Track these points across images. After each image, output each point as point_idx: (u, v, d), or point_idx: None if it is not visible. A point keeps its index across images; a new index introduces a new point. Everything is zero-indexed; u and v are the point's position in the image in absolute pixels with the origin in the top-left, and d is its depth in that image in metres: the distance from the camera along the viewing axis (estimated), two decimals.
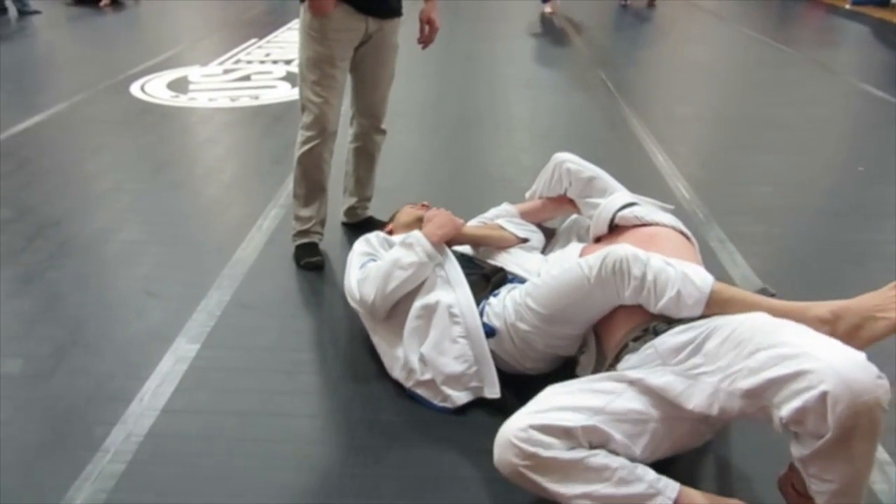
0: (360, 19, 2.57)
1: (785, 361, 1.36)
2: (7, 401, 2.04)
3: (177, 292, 2.59)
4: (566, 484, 1.51)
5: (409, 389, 2.06)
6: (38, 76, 5.94)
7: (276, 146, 4.12)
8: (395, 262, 2.09)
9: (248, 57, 6.50)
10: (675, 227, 2.07)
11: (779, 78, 6.00)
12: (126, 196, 3.45)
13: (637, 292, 1.71)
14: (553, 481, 1.51)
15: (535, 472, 1.51)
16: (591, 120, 4.89)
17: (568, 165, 2.36)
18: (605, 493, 1.49)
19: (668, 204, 2.32)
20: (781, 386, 1.35)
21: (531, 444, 1.51)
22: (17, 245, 2.93)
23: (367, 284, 2.10)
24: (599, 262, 1.73)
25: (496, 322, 2.00)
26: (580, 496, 1.50)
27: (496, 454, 1.58)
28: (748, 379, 1.41)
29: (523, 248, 2.36)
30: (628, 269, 1.70)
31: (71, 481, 1.74)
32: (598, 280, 1.73)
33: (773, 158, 4.05)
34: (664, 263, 1.71)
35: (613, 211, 2.15)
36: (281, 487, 1.75)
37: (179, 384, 2.11)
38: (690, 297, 1.67)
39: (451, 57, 6.40)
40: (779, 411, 1.35)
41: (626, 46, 7.74)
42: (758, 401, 1.41)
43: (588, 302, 1.79)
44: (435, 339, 2.02)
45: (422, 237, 2.12)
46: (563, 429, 1.52)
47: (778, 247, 3.06)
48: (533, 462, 1.51)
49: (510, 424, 1.57)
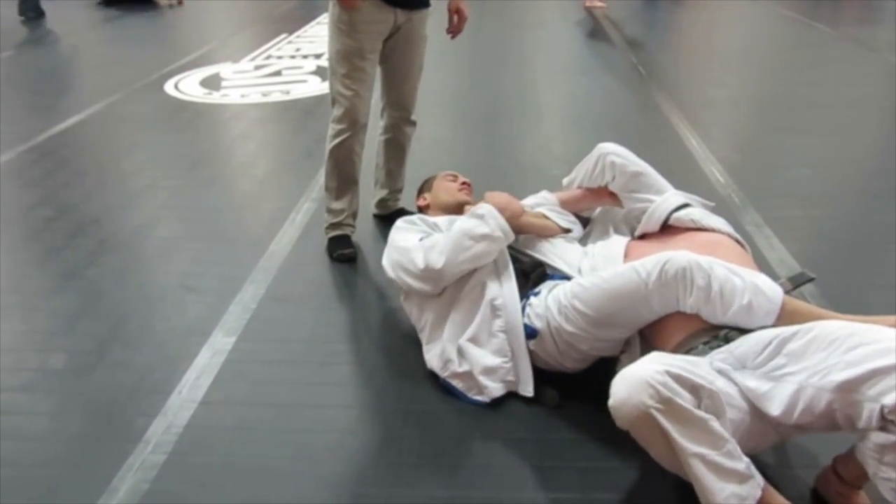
0: (389, 11, 2.57)
1: (887, 354, 1.37)
2: (52, 395, 2.10)
3: (213, 286, 2.63)
4: (688, 439, 1.45)
5: (443, 380, 2.06)
6: (74, 77, 6.06)
7: (307, 140, 4.15)
8: (467, 231, 2.01)
9: (278, 52, 6.55)
10: (730, 234, 2.03)
11: (815, 57, 5.86)
12: (162, 193, 3.51)
13: (702, 302, 1.69)
14: (678, 432, 1.45)
15: (665, 417, 1.44)
16: (622, 105, 4.83)
17: (613, 159, 2.26)
18: (715, 460, 1.45)
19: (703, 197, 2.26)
20: (884, 377, 1.35)
21: (668, 388, 1.45)
22: (58, 243, 3.00)
23: (435, 252, 2.01)
24: (659, 268, 1.71)
25: (538, 323, 1.96)
26: (694, 455, 1.45)
27: (621, 393, 1.49)
28: (845, 371, 1.40)
29: (565, 239, 2.28)
30: (691, 278, 1.68)
31: (114, 472, 1.78)
32: (658, 286, 1.71)
33: (810, 140, 3.96)
34: (730, 273, 1.70)
35: (668, 211, 2.10)
36: (317, 477, 1.77)
37: (217, 377, 2.14)
38: (762, 307, 1.67)
39: (479, 46, 6.37)
40: (875, 403, 1.35)
41: (656, 29, 7.62)
42: (851, 394, 1.39)
43: (642, 307, 1.76)
44: (475, 330, 2.01)
45: (494, 210, 2.04)
46: (694, 384, 1.47)
47: (816, 230, 3.00)
48: (666, 407, 1.44)
49: (643, 367, 1.50)
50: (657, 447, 1.50)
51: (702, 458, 1.45)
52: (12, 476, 1.79)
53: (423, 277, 2.04)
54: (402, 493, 1.72)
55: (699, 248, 1.84)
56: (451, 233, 2.04)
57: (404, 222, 2.25)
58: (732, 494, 1.45)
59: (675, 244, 1.95)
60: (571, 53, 6.58)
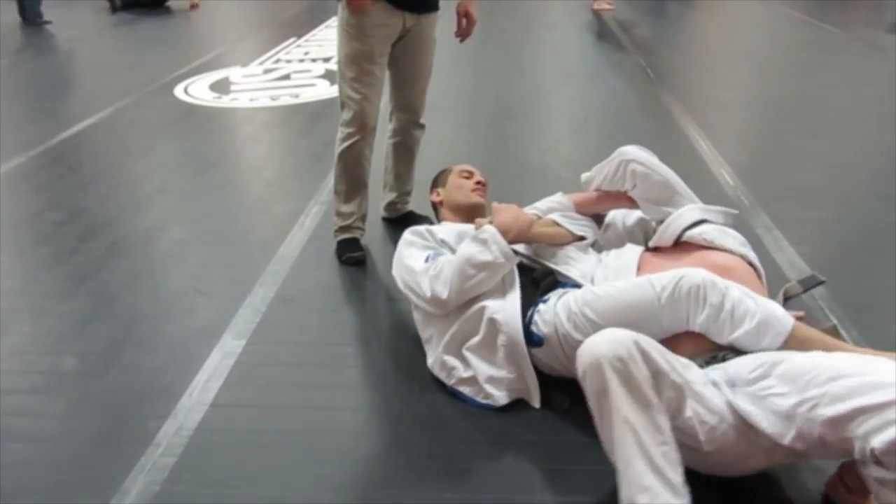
0: (398, 15, 2.58)
1: (874, 391, 1.32)
2: (63, 397, 2.11)
3: (223, 289, 2.64)
4: (627, 404, 1.44)
5: (451, 387, 2.06)
6: (85, 82, 6.09)
7: (316, 143, 4.16)
8: (469, 259, 2.00)
9: (287, 56, 6.58)
10: (745, 256, 2.00)
11: (825, 59, 5.84)
12: (173, 196, 3.53)
13: (711, 320, 1.68)
14: (620, 394, 1.44)
15: (613, 374, 1.44)
16: (631, 108, 4.82)
17: (635, 167, 2.19)
18: (648, 446, 1.42)
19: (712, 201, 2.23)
20: (870, 416, 1.30)
21: (628, 353, 1.45)
22: (70, 246, 3.02)
23: (440, 282, 2.01)
24: (673, 284, 1.70)
25: (545, 329, 1.94)
26: (627, 422, 1.43)
27: (587, 343, 1.51)
28: (832, 406, 1.36)
29: (578, 248, 2.23)
30: (704, 296, 1.68)
31: (126, 473, 1.79)
32: (670, 301, 1.70)
33: (820, 142, 3.95)
34: (744, 295, 1.69)
35: (682, 228, 2.07)
36: (326, 480, 1.77)
37: (227, 379, 2.15)
38: (771, 330, 1.65)
39: (488, 49, 6.37)
40: (866, 443, 1.30)
41: (665, 31, 7.62)
42: (841, 431, 1.35)
43: (652, 322, 1.74)
44: (477, 343, 2.01)
45: (496, 234, 2.02)
46: (658, 369, 1.47)
47: (827, 233, 2.99)
48: (621, 366, 1.44)
49: (614, 330, 1.52)
50: (598, 405, 1.48)
51: (634, 431, 1.43)
52: (24, 477, 1.80)
53: (431, 304, 2.06)
54: (411, 496, 1.72)
55: (711, 269, 1.81)
56: (454, 260, 2.03)
57: (413, 234, 2.23)
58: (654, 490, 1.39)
59: (688, 262, 1.93)
60: (579, 55, 6.58)
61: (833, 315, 2.30)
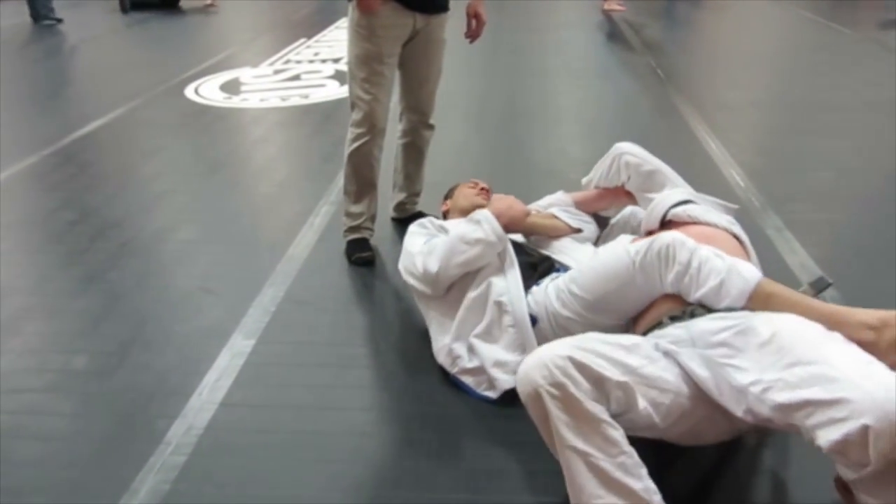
0: (408, 15, 2.59)
1: (824, 383, 1.31)
2: (75, 396, 2.12)
3: (232, 289, 2.65)
4: (572, 431, 1.42)
5: (453, 376, 2.09)
6: (97, 82, 6.12)
7: (326, 144, 4.17)
8: (461, 236, 2.07)
9: (297, 57, 6.60)
10: (729, 229, 2.00)
11: (836, 60, 5.81)
12: (182, 196, 3.54)
13: (679, 278, 1.69)
14: (562, 421, 1.43)
15: (552, 402, 1.43)
16: (640, 108, 4.81)
17: (627, 158, 2.28)
18: (601, 465, 1.41)
19: (732, 203, 2.22)
20: (817, 410, 1.30)
21: (564, 374, 1.43)
22: (80, 246, 3.04)
23: (432, 257, 2.09)
24: (646, 247, 1.73)
25: (536, 309, 2.00)
26: (575, 450, 1.42)
27: (522, 370, 1.50)
28: (783, 393, 1.36)
29: (575, 239, 2.33)
30: (674, 255, 1.70)
31: (136, 472, 1.80)
32: (643, 265, 1.73)
33: (832, 143, 3.92)
34: (713, 254, 1.69)
35: (667, 207, 2.09)
36: (336, 479, 1.78)
37: (236, 379, 2.16)
38: (734, 287, 1.64)
39: (498, 50, 6.37)
40: (815, 438, 1.30)
41: (675, 32, 7.60)
42: (789, 418, 1.36)
43: (631, 288, 1.78)
44: (485, 326, 2.04)
45: (490, 217, 2.09)
46: (599, 376, 1.44)
47: (838, 234, 2.97)
48: (558, 392, 1.42)
49: (549, 349, 1.50)
50: (544, 431, 1.49)
51: (584, 456, 1.42)
52: (35, 475, 1.81)
53: (423, 280, 2.13)
54: (421, 496, 1.72)
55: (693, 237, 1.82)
56: (447, 238, 2.10)
57: (416, 226, 2.30)
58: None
59: None
60: (589, 56, 6.56)
61: None
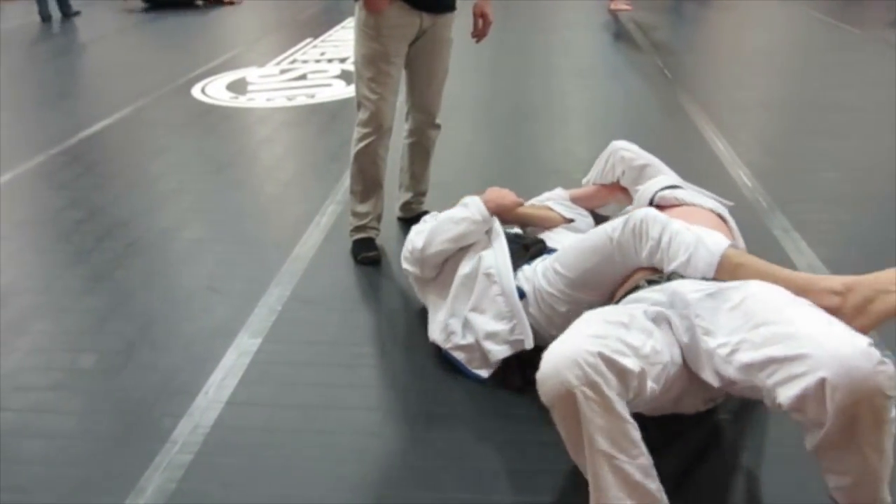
0: (415, 15, 2.58)
1: (786, 341, 1.32)
2: (81, 394, 2.13)
3: (239, 288, 2.66)
4: (603, 434, 1.39)
5: (445, 351, 2.14)
6: (104, 81, 6.15)
7: (332, 144, 4.18)
8: (449, 216, 2.23)
9: (303, 56, 6.60)
10: (714, 209, 2.06)
11: (845, 60, 5.78)
12: (189, 196, 3.55)
13: (652, 253, 1.74)
14: (595, 424, 1.39)
15: (587, 403, 1.38)
16: (647, 108, 4.80)
17: (622, 153, 2.38)
18: (625, 468, 1.39)
19: (728, 200, 2.23)
20: (778, 366, 1.31)
21: (597, 372, 1.38)
22: (87, 245, 3.05)
23: (420, 236, 2.26)
24: (622, 224, 1.78)
25: (526, 286, 2.06)
26: (604, 454, 1.39)
27: (549, 366, 1.42)
28: (748, 353, 1.37)
29: (568, 229, 2.38)
30: (647, 230, 1.74)
31: (142, 471, 1.80)
32: (620, 241, 1.78)
33: (840, 143, 3.91)
34: (682, 227, 1.73)
35: (655, 190, 2.16)
36: (342, 479, 1.78)
37: (243, 378, 2.16)
38: (702, 259, 1.67)
39: (504, 50, 6.36)
40: (776, 397, 1.31)
41: (682, 31, 7.57)
42: (753, 378, 1.36)
43: (609, 264, 1.82)
44: (475, 300, 2.11)
45: (478, 200, 2.23)
46: (622, 368, 1.41)
47: (846, 234, 2.96)
48: (594, 393, 1.37)
49: (577, 344, 1.43)
50: (570, 432, 1.44)
51: (609, 459, 1.39)
52: (43, 473, 1.82)
53: (411, 260, 2.29)
54: (427, 495, 1.72)
55: (675, 216, 1.86)
56: (436, 219, 2.25)
57: (419, 222, 2.42)
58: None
59: None
60: (596, 56, 6.55)
61: None
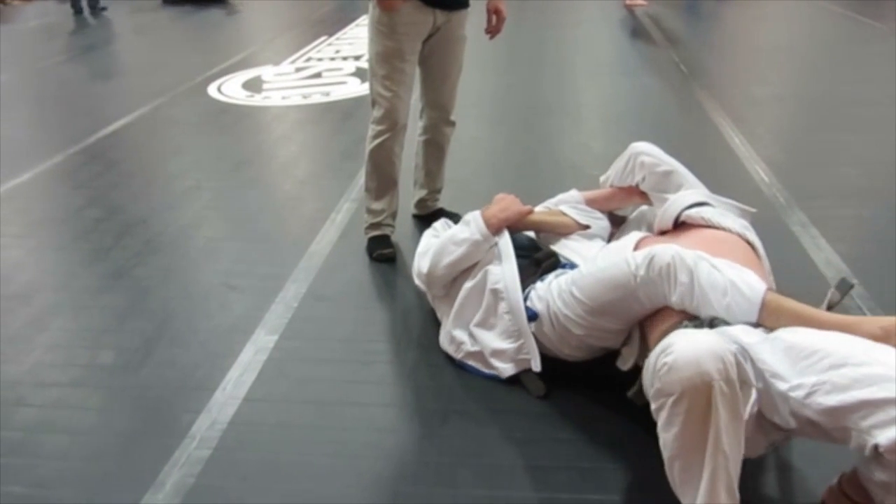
0: (428, 12, 2.59)
1: (882, 383, 1.27)
2: (101, 390, 2.15)
3: (255, 285, 2.67)
4: (728, 434, 1.35)
5: (458, 360, 2.15)
6: (122, 81, 6.20)
7: (347, 141, 4.19)
8: (451, 237, 2.19)
9: (318, 55, 6.62)
10: (742, 234, 1.96)
11: (864, 54, 5.72)
12: (206, 194, 3.58)
13: (683, 299, 1.66)
14: (724, 422, 1.34)
15: (722, 399, 1.33)
16: (663, 104, 4.77)
17: (643, 158, 2.27)
18: (731, 471, 1.37)
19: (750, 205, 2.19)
20: (877, 409, 1.26)
21: (735, 370, 1.35)
22: (106, 243, 3.08)
23: (425, 258, 2.24)
24: (647, 263, 1.69)
25: (539, 305, 2.00)
26: (725, 455, 1.35)
27: (688, 353, 1.36)
28: (833, 395, 1.31)
29: (584, 236, 2.31)
30: (675, 274, 1.66)
31: (161, 466, 1.82)
32: (645, 280, 1.69)
33: (858, 138, 3.87)
34: (712, 269, 1.65)
35: (681, 208, 2.07)
36: (357, 475, 1.79)
37: (259, 374, 2.18)
38: (740, 307, 1.62)
39: (519, 46, 6.35)
40: (871, 437, 1.26)
41: (698, 26, 7.52)
42: (840, 421, 1.32)
43: (633, 300, 1.74)
44: (482, 315, 2.10)
45: (479, 216, 2.18)
46: (745, 379, 1.39)
47: (865, 230, 2.93)
48: (729, 390, 1.33)
49: (715, 338, 1.40)
50: (690, 426, 1.37)
51: (727, 461, 1.36)
52: (63, 468, 1.84)
53: (421, 280, 2.33)
54: (442, 492, 1.73)
55: (704, 245, 1.80)
56: (441, 238, 2.24)
57: (430, 229, 2.46)
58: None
59: (684, 239, 1.92)
60: (612, 52, 6.52)
61: (871, 314, 2.26)
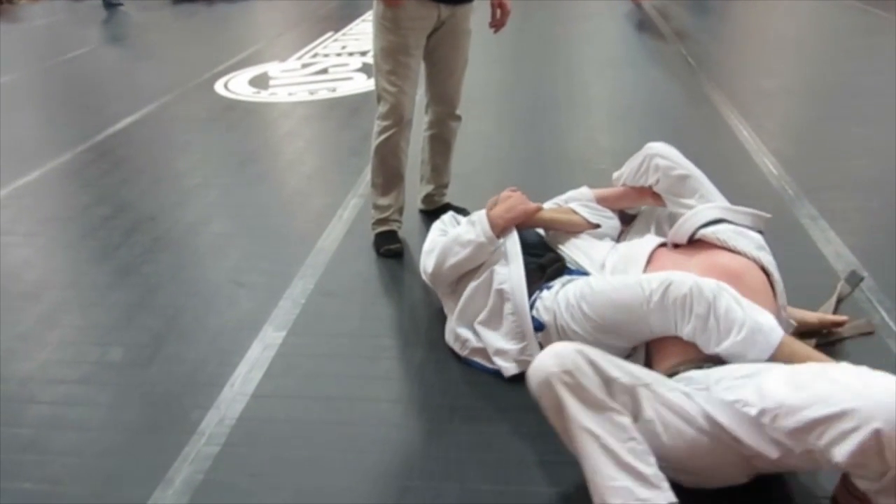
0: (433, 7, 2.58)
1: (827, 400, 1.28)
2: (110, 387, 2.17)
3: (263, 282, 2.68)
4: (584, 413, 1.44)
5: (464, 357, 2.15)
6: (130, 78, 6.21)
7: (354, 137, 4.19)
8: (456, 238, 2.18)
9: (324, 50, 6.62)
10: (758, 260, 1.92)
11: (872, 44, 5.67)
12: (214, 190, 3.59)
13: (698, 332, 1.65)
14: (574, 405, 1.45)
15: (564, 388, 1.45)
16: (671, 97, 4.75)
17: (658, 161, 2.20)
18: (613, 447, 1.42)
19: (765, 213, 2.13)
20: (827, 427, 1.27)
21: (574, 364, 1.46)
22: (115, 240, 3.09)
23: (430, 257, 2.24)
24: (662, 290, 1.68)
25: (545, 316, 1.97)
26: (590, 432, 1.43)
27: (534, 362, 1.52)
28: (790, 418, 1.32)
29: (593, 235, 2.28)
30: (691, 306, 1.65)
31: (170, 462, 1.83)
32: (659, 307, 1.69)
33: (866, 129, 3.84)
34: (733, 302, 1.64)
35: (697, 226, 2.02)
36: (365, 470, 1.79)
37: (268, 370, 2.18)
38: (756, 345, 1.61)
39: (524, 40, 6.33)
40: (831, 456, 1.27)
41: (706, 19, 7.47)
42: (804, 443, 1.32)
43: (642, 324, 1.74)
44: (487, 315, 2.10)
45: (484, 217, 2.15)
46: (608, 376, 1.47)
47: (875, 222, 2.91)
48: (569, 379, 1.45)
49: (563, 345, 1.53)
50: (557, 420, 1.50)
51: (595, 438, 1.42)
52: (74, 464, 1.85)
53: (427, 279, 2.33)
54: (450, 486, 1.73)
55: (720, 273, 1.78)
56: (446, 237, 2.23)
57: (438, 223, 2.45)
58: (626, 489, 1.39)
59: (697, 261, 1.90)
60: (619, 45, 6.50)
61: (881, 306, 2.25)
